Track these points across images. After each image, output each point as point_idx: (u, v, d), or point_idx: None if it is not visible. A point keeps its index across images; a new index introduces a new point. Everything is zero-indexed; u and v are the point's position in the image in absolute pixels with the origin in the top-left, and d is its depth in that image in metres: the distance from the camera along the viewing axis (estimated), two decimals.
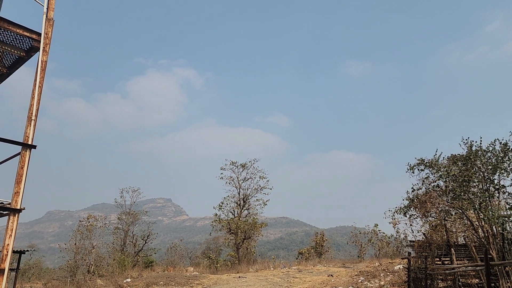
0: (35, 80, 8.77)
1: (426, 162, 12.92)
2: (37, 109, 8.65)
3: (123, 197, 47.11)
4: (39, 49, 9.03)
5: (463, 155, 12.09)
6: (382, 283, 20.34)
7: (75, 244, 40.34)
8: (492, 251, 10.74)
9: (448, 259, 12.94)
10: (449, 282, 12.69)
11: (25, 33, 8.94)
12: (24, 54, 9.55)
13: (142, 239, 45.18)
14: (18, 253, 23.58)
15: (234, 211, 44.47)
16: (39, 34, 9.08)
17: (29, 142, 8.37)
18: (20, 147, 8.34)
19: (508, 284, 10.33)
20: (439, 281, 12.68)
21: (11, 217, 7.93)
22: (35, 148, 8.43)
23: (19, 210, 8.03)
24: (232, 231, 42.32)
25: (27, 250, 25.18)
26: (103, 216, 47.30)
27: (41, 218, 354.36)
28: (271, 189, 44.72)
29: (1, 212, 8.92)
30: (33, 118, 8.54)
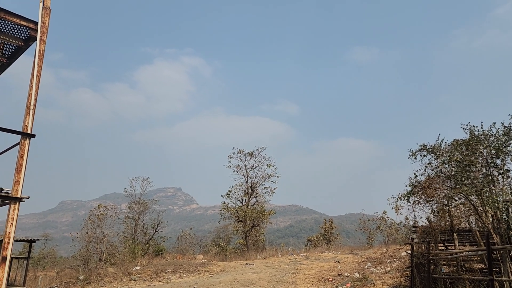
0: (33, 69, 8.79)
1: (428, 148, 12.78)
2: (36, 98, 8.69)
3: (133, 187, 47.51)
4: (37, 38, 9.05)
5: (466, 140, 11.93)
6: (388, 269, 20.36)
7: (87, 233, 40.92)
8: (495, 236, 10.64)
9: (452, 244, 12.87)
10: (452, 267, 12.64)
11: (22, 22, 8.94)
12: (22, 43, 9.57)
13: (152, 227, 45.68)
14: (29, 242, 24.05)
15: (242, 199, 44.64)
16: (36, 23, 9.08)
17: (28, 131, 8.43)
18: (20, 136, 8.42)
19: None
20: (442, 267, 12.63)
21: (12, 206, 8.03)
22: (34, 137, 8.50)
23: (20, 199, 8.12)
24: (240, 219, 42.55)
25: (38, 239, 25.64)
26: (114, 206, 47.73)
27: (54, 208, 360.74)
28: (278, 177, 44.75)
29: (5, 201, 9.06)
30: (32, 107, 8.59)
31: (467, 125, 12.41)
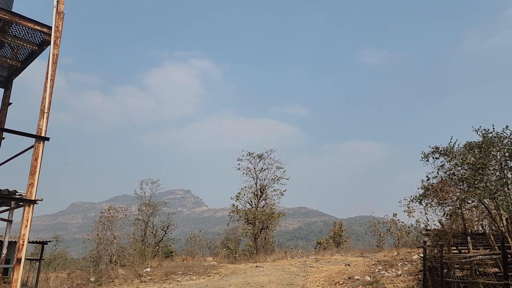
0: (47, 73, 8.91)
1: (441, 150, 12.65)
2: (50, 102, 8.80)
3: (143, 189, 47.66)
4: (50, 43, 9.16)
5: (479, 142, 11.79)
6: (399, 272, 20.16)
7: (98, 235, 41.08)
8: (510, 239, 10.49)
9: (466, 248, 12.71)
10: (466, 271, 12.47)
11: (36, 27, 9.07)
12: (36, 48, 9.71)
13: (162, 229, 45.77)
14: (41, 243, 24.30)
15: (251, 201, 44.60)
16: (50, 28, 9.20)
17: (42, 134, 8.54)
18: (34, 139, 8.53)
19: None
20: (455, 270, 12.47)
21: (26, 208, 8.14)
22: (48, 140, 8.60)
23: (34, 201, 8.22)
24: (249, 221, 42.52)
25: (50, 241, 25.90)
26: (124, 208, 47.89)
27: (65, 210, 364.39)
28: (288, 179, 44.61)
29: (20, 203, 9.18)
30: (46, 110, 8.70)
31: (479, 128, 12.30)
